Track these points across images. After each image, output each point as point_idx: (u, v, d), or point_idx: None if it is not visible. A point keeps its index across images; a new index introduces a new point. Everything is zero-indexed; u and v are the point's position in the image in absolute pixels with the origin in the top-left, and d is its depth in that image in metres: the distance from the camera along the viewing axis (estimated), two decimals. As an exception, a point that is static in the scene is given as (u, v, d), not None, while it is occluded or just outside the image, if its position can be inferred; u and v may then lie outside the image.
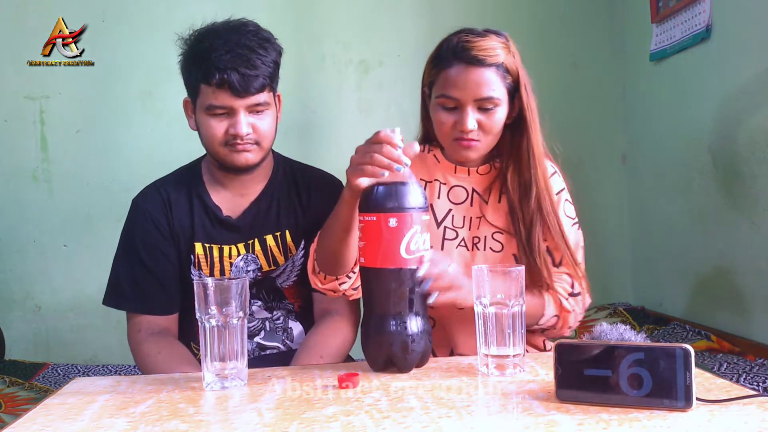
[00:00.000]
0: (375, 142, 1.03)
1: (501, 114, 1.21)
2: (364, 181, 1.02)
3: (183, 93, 1.35)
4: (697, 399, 0.78)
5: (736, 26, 1.95)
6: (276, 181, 1.39)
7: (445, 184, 1.31)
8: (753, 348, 1.85)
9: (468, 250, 1.28)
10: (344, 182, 1.43)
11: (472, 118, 1.19)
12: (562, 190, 1.30)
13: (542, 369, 1.00)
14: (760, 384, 1.56)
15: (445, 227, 1.29)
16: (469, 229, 1.29)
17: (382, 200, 0.99)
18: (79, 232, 2.50)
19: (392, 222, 0.98)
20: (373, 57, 2.61)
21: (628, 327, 1.05)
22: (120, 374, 2.17)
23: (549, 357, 1.03)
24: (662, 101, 2.38)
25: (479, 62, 1.18)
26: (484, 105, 1.19)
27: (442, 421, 0.77)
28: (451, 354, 1.30)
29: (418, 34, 2.61)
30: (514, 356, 0.96)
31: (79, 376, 2.17)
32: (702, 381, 0.89)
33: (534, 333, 1.30)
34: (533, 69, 1.35)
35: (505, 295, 0.96)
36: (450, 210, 1.30)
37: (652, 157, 2.46)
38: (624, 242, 2.64)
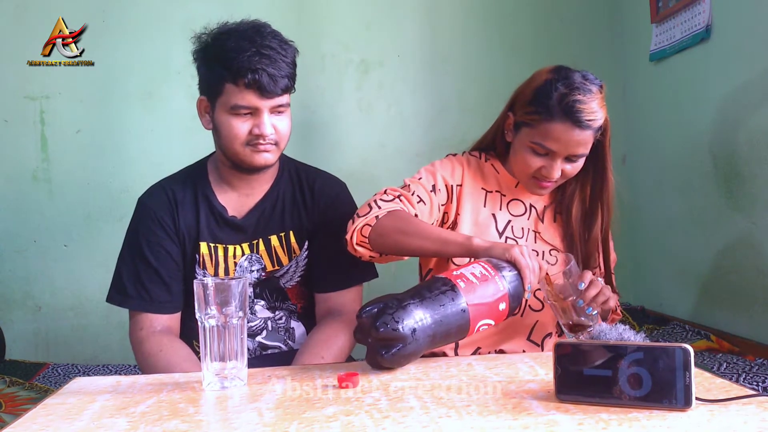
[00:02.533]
0: (538, 265, 1.12)
1: (582, 161, 1.28)
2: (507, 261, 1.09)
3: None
4: (697, 399, 0.78)
5: (736, 26, 1.95)
6: (281, 182, 1.39)
7: (505, 195, 1.36)
8: (753, 348, 1.85)
9: None
10: (346, 183, 1.45)
11: (559, 169, 1.26)
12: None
13: (542, 369, 1.00)
14: (760, 384, 1.56)
15: (507, 237, 1.34)
16: (527, 241, 1.35)
17: (519, 292, 1.08)
18: (79, 232, 2.50)
19: (502, 305, 1.06)
20: (373, 57, 2.60)
21: (627, 327, 1.05)
22: (120, 374, 2.17)
23: (549, 357, 1.03)
24: (662, 101, 2.38)
25: (586, 126, 1.22)
26: (573, 158, 1.26)
27: (442, 421, 0.77)
28: (474, 353, 1.31)
29: (418, 34, 2.61)
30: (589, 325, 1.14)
31: (79, 376, 2.17)
32: (701, 381, 0.90)
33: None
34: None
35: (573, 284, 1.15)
36: (509, 221, 1.36)
37: (652, 157, 2.46)
38: (624, 242, 2.64)
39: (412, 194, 1.29)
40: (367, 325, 0.98)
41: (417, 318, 0.97)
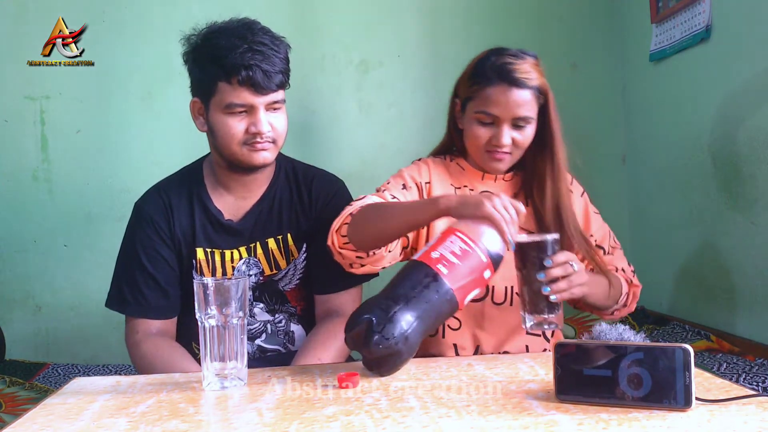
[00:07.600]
0: (516, 211, 1.06)
1: (532, 130, 1.29)
2: (482, 219, 1.04)
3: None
4: (697, 399, 0.78)
5: (736, 26, 1.95)
6: (278, 183, 1.38)
7: (472, 190, 1.36)
8: (753, 348, 1.85)
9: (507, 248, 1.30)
10: (346, 183, 1.44)
11: (507, 135, 1.26)
12: (583, 192, 1.41)
13: (542, 369, 1.00)
14: (760, 384, 1.56)
15: None
16: None
17: (501, 252, 1.03)
18: (79, 232, 2.50)
19: (487, 273, 1.02)
20: (373, 57, 2.60)
21: (627, 327, 1.05)
22: (120, 374, 2.17)
23: (549, 357, 1.03)
24: (662, 101, 2.38)
25: (521, 84, 1.24)
26: (519, 123, 1.27)
27: (442, 421, 0.77)
28: (476, 353, 1.31)
29: (418, 34, 2.61)
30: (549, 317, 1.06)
31: (79, 376, 2.17)
32: (701, 381, 0.90)
33: (604, 314, 1.36)
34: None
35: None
36: None
37: (652, 157, 2.46)
38: (624, 242, 2.62)
39: (384, 192, 1.27)
40: (357, 340, 0.97)
41: (406, 326, 0.95)
